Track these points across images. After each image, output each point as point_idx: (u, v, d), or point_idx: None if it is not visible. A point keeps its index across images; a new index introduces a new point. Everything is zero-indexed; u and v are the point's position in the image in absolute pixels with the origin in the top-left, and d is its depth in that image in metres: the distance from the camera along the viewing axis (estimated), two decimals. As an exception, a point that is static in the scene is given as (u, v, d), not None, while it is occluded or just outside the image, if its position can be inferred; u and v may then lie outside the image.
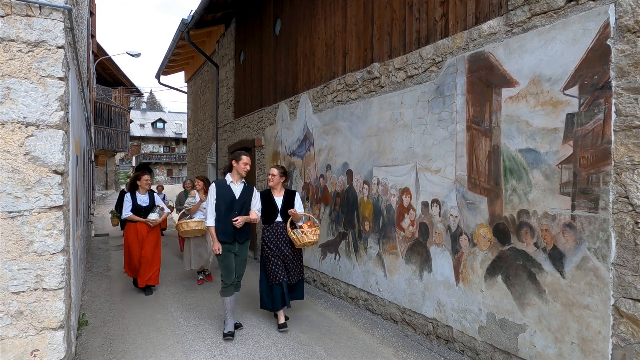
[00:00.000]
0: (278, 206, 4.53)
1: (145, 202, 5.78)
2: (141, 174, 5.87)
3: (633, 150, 2.48)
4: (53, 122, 2.47)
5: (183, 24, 9.03)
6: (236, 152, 4.25)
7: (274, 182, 4.54)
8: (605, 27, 2.60)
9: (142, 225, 5.69)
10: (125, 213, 5.65)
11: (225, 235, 4.13)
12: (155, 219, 5.75)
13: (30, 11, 2.43)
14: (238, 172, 4.22)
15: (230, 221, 4.11)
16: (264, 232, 4.51)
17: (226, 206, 4.13)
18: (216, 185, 4.19)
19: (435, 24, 3.99)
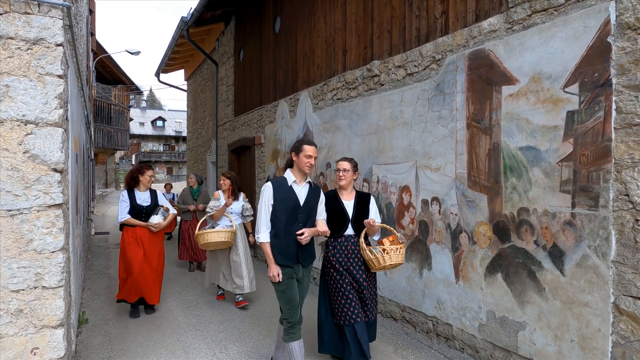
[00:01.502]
0: (349, 214, 3.41)
1: (146, 202, 4.73)
2: (144, 168, 4.81)
3: (633, 148, 2.48)
4: (52, 120, 2.47)
5: (182, 22, 9.01)
6: (297, 142, 3.16)
7: (347, 181, 3.43)
8: (606, 24, 2.59)
9: (142, 230, 4.65)
10: (122, 216, 4.59)
11: (286, 256, 3.04)
12: (159, 223, 4.69)
13: (29, 9, 2.43)
14: (300, 169, 3.12)
15: (294, 236, 3.03)
16: (329, 249, 3.42)
17: (288, 215, 3.04)
18: (273, 187, 3.08)
19: (436, 22, 3.98)
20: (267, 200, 3.07)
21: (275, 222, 3.05)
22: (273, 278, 3.01)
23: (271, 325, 4.44)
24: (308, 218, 3.13)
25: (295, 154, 3.13)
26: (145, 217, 4.69)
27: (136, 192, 4.75)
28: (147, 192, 4.81)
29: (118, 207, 4.72)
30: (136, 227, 4.63)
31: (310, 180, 3.21)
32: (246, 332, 4.28)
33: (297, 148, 3.12)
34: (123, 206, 4.64)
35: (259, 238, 3.06)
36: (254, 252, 8.37)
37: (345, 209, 3.42)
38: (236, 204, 5.11)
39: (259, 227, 3.07)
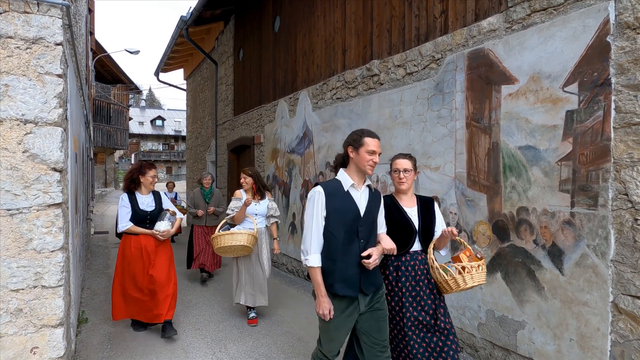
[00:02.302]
0: (414, 224, 2.67)
1: (150, 206, 4.05)
2: (145, 167, 4.11)
3: (632, 147, 2.48)
4: (52, 120, 2.47)
5: (182, 21, 9.00)
6: (355, 134, 2.47)
7: (408, 185, 2.71)
8: (605, 23, 2.60)
9: (147, 239, 3.99)
10: (123, 224, 3.94)
11: (346, 284, 2.35)
12: (167, 230, 4.03)
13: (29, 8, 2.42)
14: (359, 168, 2.42)
15: (355, 257, 2.36)
16: (391, 271, 2.66)
17: (346, 230, 2.36)
18: (326, 193, 2.38)
19: (435, 21, 3.98)
20: (318, 211, 2.35)
21: (328, 240, 2.36)
22: (323, 316, 2.35)
23: (270, 325, 4.44)
24: (370, 233, 2.42)
25: (352, 149, 2.41)
26: (150, 224, 4.02)
27: (138, 195, 4.07)
28: (150, 195, 4.13)
29: (117, 213, 4.05)
30: (140, 236, 3.98)
31: (369, 182, 2.51)
32: (245, 331, 4.28)
33: (356, 141, 2.41)
34: (124, 212, 3.95)
35: (308, 261, 2.35)
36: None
37: (409, 219, 2.66)
38: (261, 204, 4.44)
39: (307, 247, 2.36)
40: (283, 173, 6.99)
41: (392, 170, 2.76)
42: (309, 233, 2.37)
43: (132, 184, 4.08)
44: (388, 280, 2.66)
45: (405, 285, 2.60)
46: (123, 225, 3.95)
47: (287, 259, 6.84)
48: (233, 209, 4.39)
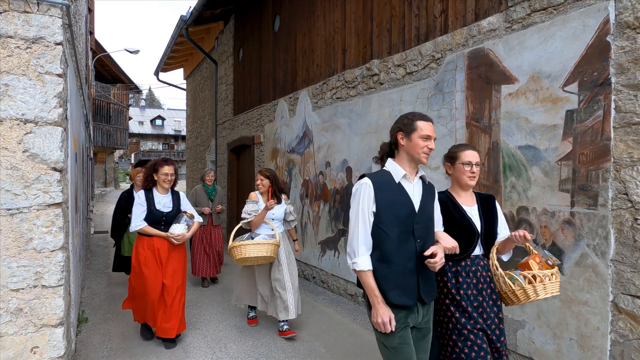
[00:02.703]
0: (476, 225, 2.32)
1: (167, 207, 3.80)
2: (159, 164, 3.82)
3: (632, 147, 2.48)
4: (52, 119, 2.47)
5: (182, 21, 9.00)
6: (406, 117, 2.14)
7: (475, 180, 2.35)
8: (605, 23, 2.60)
9: (161, 242, 3.73)
10: (137, 223, 3.69)
11: (403, 291, 2.03)
12: (182, 234, 3.75)
13: (28, 7, 2.42)
14: (412, 157, 2.09)
15: (411, 259, 2.05)
16: (449, 277, 2.28)
17: (400, 227, 2.05)
18: (374, 185, 2.07)
19: (435, 21, 3.98)
20: (366, 206, 2.05)
21: (380, 239, 2.02)
22: (383, 327, 1.99)
23: (270, 325, 4.44)
24: (428, 230, 2.10)
25: (403, 135, 2.08)
26: (165, 226, 3.75)
27: (155, 193, 3.80)
28: (168, 195, 3.86)
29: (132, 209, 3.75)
30: (153, 238, 3.72)
31: (423, 173, 2.17)
32: (245, 331, 4.28)
33: (408, 126, 2.08)
34: (138, 211, 3.70)
35: (357, 264, 2.02)
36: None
37: (470, 219, 2.30)
38: (278, 208, 4.17)
39: (354, 248, 2.04)
40: (283, 173, 7.00)
41: (456, 163, 2.32)
42: (355, 232, 2.05)
43: (149, 182, 3.82)
44: (447, 288, 2.26)
45: (467, 294, 2.22)
46: (136, 225, 3.69)
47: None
48: (250, 213, 4.03)
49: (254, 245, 3.81)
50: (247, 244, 3.81)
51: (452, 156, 2.39)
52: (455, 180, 2.38)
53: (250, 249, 3.79)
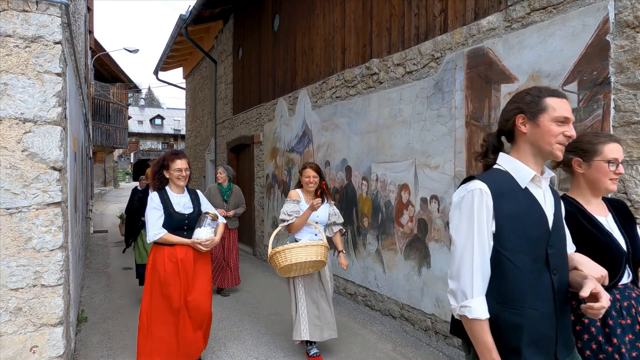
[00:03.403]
0: (619, 241, 1.72)
1: (188, 208, 3.18)
2: (169, 158, 3.20)
3: (632, 146, 2.48)
4: (51, 118, 2.47)
5: (181, 20, 8.99)
6: (527, 94, 1.51)
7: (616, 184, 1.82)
8: (605, 22, 2.60)
9: (185, 250, 3.09)
10: (156, 231, 3.03)
11: (539, 348, 1.39)
12: (211, 238, 3.15)
13: (27, 6, 2.42)
14: (540, 150, 1.48)
15: (550, 301, 1.42)
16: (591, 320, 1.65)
17: (532, 252, 1.42)
18: (493, 192, 1.43)
19: (435, 20, 3.98)
20: (484, 222, 1.41)
21: (503, 271, 1.41)
22: None
23: (270, 324, 4.44)
24: (564, 257, 1.51)
25: (525, 119, 1.49)
26: (188, 232, 3.14)
27: (170, 193, 3.18)
28: (185, 194, 3.24)
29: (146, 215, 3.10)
30: (175, 247, 3.07)
31: (551, 173, 1.56)
32: (245, 330, 4.28)
33: (534, 105, 1.47)
34: (154, 216, 3.05)
35: (470, 309, 1.38)
36: (253, 250, 8.37)
37: (610, 234, 1.71)
38: (323, 209, 3.56)
39: (464, 284, 1.40)
40: (282, 172, 6.99)
41: (595, 159, 1.74)
42: (466, 261, 1.40)
43: (158, 181, 3.20)
44: (589, 333, 1.63)
45: (623, 340, 1.59)
46: (155, 233, 3.02)
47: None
48: (290, 214, 3.44)
49: (301, 249, 3.16)
50: (292, 247, 3.18)
51: (588, 150, 1.75)
52: (589, 183, 1.78)
53: (297, 254, 3.14)
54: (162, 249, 3.08)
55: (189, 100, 14.27)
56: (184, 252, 3.09)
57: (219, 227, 3.31)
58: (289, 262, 3.14)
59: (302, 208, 3.49)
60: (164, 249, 3.08)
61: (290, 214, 3.47)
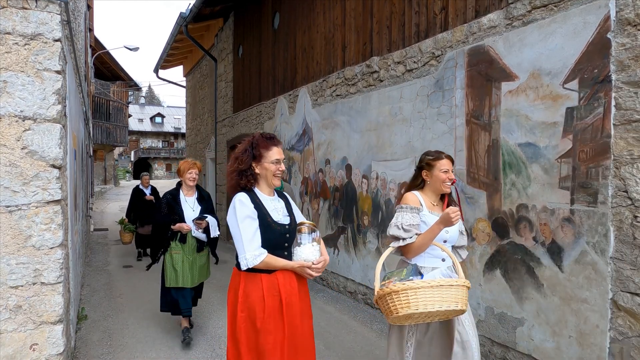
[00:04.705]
0: None
1: (285, 217, 2.27)
2: (263, 144, 2.28)
3: (632, 145, 2.48)
4: (50, 116, 2.46)
5: (181, 18, 8.98)
6: None
7: None
8: (606, 20, 2.59)
9: (287, 278, 2.17)
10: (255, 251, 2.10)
11: None
12: (323, 259, 2.25)
13: (27, 4, 2.41)
14: None
15: None
16: None
17: None
18: None
19: (435, 18, 3.97)
20: None
21: None
22: None
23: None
24: None
25: None
26: (288, 250, 2.22)
27: (260, 195, 2.23)
28: (275, 196, 2.31)
29: (237, 224, 2.13)
30: (276, 274, 2.14)
31: None
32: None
33: None
34: (250, 229, 2.11)
35: None
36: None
37: None
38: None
39: None
40: (283, 170, 6.99)
41: None
42: None
43: (246, 177, 2.21)
44: None
45: None
46: (254, 256, 2.07)
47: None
48: (408, 228, 2.32)
49: (433, 290, 1.98)
50: (418, 286, 1.98)
51: None
52: None
53: (427, 298, 1.97)
54: (258, 280, 2.11)
55: (189, 98, 14.26)
56: (288, 282, 2.13)
57: (321, 241, 2.31)
58: (412, 310, 1.97)
59: (426, 220, 2.37)
60: (261, 278, 2.11)
61: (409, 228, 2.33)
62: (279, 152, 2.25)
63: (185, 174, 3.93)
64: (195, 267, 3.93)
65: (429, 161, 2.45)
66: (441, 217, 2.27)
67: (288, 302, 2.12)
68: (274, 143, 2.25)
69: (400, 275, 2.16)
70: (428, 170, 2.45)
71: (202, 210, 3.98)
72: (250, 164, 2.21)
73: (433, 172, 2.42)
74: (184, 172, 3.94)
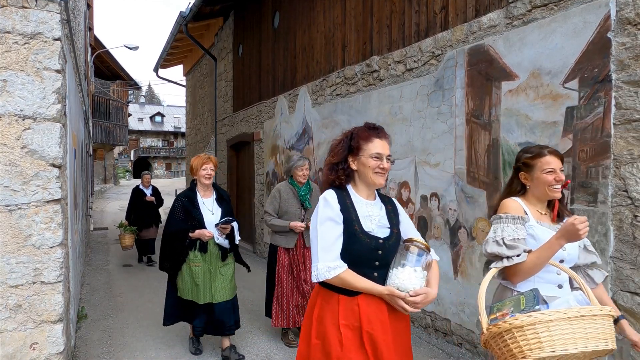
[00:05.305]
0: None
1: (383, 228, 1.78)
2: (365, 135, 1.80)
3: (632, 144, 2.48)
4: (50, 115, 2.46)
5: (181, 17, 8.98)
6: None
7: None
8: (606, 19, 2.59)
9: (376, 307, 1.68)
10: (330, 262, 1.65)
11: None
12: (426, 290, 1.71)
13: (26, 3, 2.41)
14: None
15: None
16: None
17: None
18: None
19: (435, 17, 3.97)
20: None
21: None
22: None
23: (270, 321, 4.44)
24: None
25: None
26: (380, 271, 1.75)
27: (355, 196, 1.82)
28: (377, 201, 1.87)
29: (316, 226, 1.74)
30: (359, 298, 1.69)
31: None
32: (244, 327, 4.28)
33: None
34: (332, 234, 1.71)
35: None
36: (253, 248, 8.37)
37: None
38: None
39: None
40: (282, 169, 6.99)
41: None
42: None
43: (336, 173, 1.82)
44: None
45: None
46: (329, 267, 1.65)
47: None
48: (514, 245, 1.84)
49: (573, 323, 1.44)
50: (551, 318, 1.43)
51: None
52: None
53: (566, 334, 1.43)
54: (334, 301, 1.68)
55: (189, 97, 14.25)
56: (373, 311, 1.66)
57: (433, 267, 1.78)
58: (547, 353, 1.43)
59: (534, 233, 1.87)
60: (338, 300, 1.68)
61: (514, 244, 1.83)
62: (382, 146, 1.79)
63: (199, 171, 3.39)
64: (221, 279, 3.39)
65: (527, 160, 1.94)
66: (563, 228, 1.72)
67: (372, 338, 1.63)
68: (377, 134, 1.81)
69: (520, 306, 1.61)
70: (527, 171, 1.94)
71: (222, 213, 3.42)
72: (345, 157, 1.82)
73: (534, 173, 1.91)
74: (198, 169, 3.40)
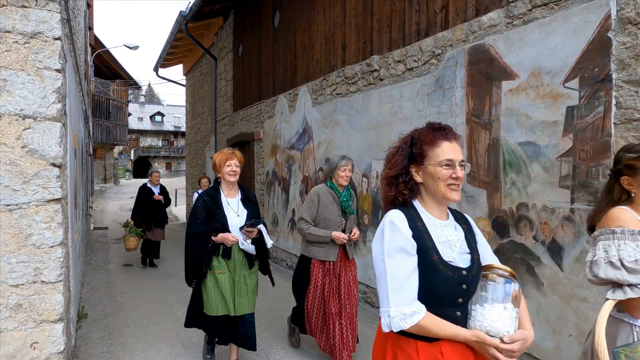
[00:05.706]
0: None
1: (463, 255, 1.41)
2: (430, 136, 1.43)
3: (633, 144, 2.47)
4: (50, 115, 2.46)
5: (181, 17, 8.97)
6: None
7: None
8: (607, 19, 2.59)
9: (459, 352, 1.32)
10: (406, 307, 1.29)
11: None
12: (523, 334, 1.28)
13: (27, 2, 2.41)
14: None
15: None
16: None
17: None
18: None
19: (435, 16, 3.97)
20: None
21: None
22: None
23: (270, 321, 4.45)
24: None
25: None
26: (462, 309, 1.36)
27: (424, 214, 1.46)
28: (449, 220, 1.49)
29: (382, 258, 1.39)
30: (439, 344, 1.32)
31: None
32: (245, 326, 4.28)
33: None
34: (404, 269, 1.34)
35: None
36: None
37: None
38: None
39: None
40: (282, 169, 6.99)
41: None
42: None
43: (396, 188, 1.53)
44: None
45: None
46: (405, 314, 1.31)
47: (287, 254, 6.85)
48: (635, 268, 1.46)
49: None
50: None
51: None
52: None
53: None
54: (411, 349, 1.37)
55: (189, 97, 14.25)
56: (462, 353, 1.34)
57: (523, 301, 1.40)
58: None
59: None
60: (416, 348, 1.36)
61: (637, 267, 1.46)
62: (453, 150, 1.41)
63: (223, 168, 3.00)
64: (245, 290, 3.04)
65: (631, 161, 1.56)
66: None
67: None
68: (444, 136, 1.42)
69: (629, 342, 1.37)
70: (632, 175, 1.56)
71: (248, 215, 3.06)
72: (406, 167, 1.47)
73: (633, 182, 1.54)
74: (221, 165, 3.01)
